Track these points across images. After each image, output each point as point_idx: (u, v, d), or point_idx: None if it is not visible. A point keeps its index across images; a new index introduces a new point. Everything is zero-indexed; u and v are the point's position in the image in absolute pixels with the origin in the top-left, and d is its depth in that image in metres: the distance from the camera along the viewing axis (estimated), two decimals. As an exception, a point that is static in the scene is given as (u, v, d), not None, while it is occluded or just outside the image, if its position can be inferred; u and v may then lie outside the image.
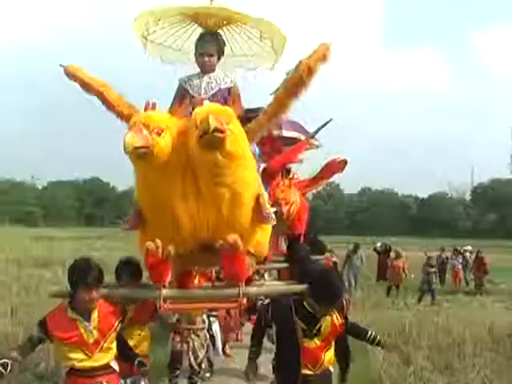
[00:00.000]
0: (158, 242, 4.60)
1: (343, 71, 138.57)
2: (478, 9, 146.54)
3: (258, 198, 4.84)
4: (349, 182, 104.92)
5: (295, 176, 11.19)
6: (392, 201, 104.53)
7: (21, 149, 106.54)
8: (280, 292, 5.43)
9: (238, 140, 4.58)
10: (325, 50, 4.77)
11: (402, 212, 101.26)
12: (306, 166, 9.32)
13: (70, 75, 5.19)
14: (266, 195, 5.25)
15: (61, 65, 5.25)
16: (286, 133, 8.70)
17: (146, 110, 4.79)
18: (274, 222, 5.04)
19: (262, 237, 5.10)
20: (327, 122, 8.84)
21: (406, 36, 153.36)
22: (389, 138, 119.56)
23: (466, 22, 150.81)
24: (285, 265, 7.70)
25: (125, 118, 4.97)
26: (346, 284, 18.89)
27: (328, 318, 5.20)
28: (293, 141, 8.69)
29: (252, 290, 5.23)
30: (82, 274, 4.74)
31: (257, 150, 7.36)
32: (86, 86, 5.15)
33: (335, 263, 12.14)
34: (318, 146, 10.39)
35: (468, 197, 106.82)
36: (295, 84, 4.78)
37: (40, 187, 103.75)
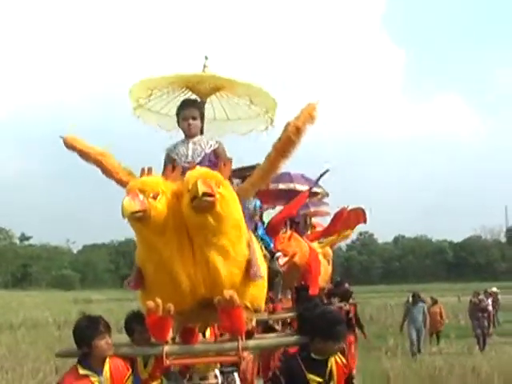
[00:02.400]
0: (158, 300, 4.80)
1: (369, 121, 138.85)
2: (501, 53, 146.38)
3: (248, 256, 5.06)
4: (382, 231, 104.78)
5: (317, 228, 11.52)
6: (427, 247, 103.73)
7: (55, 213, 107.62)
8: (281, 344, 5.64)
9: (228, 202, 4.83)
10: (311, 110, 5.01)
11: (438, 258, 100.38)
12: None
13: (69, 146, 5.44)
14: (258, 251, 5.49)
15: (60, 136, 5.48)
16: (282, 186, 9.03)
17: (142, 175, 5.06)
18: (262, 280, 5.30)
19: (257, 291, 5.28)
20: (325, 172, 9.12)
21: (428, 84, 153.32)
22: (419, 184, 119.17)
23: (489, 67, 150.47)
24: (291, 314, 7.85)
25: (124, 184, 5.19)
26: (408, 341, 18.32)
27: (332, 359, 5.34)
28: (290, 193, 9.02)
29: (251, 343, 5.39)
30: (93, 325, 4.93)
31: (257, 203, 7.70)
32: (85, 156, 5.41)
33: (347, 312, 12.21)
34: (327, 194, 10.70)
35: (503, 238, 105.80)
36: (284, 144, 5.03)
37: (75, 251, 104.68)
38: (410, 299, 18.88)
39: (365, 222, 10.39)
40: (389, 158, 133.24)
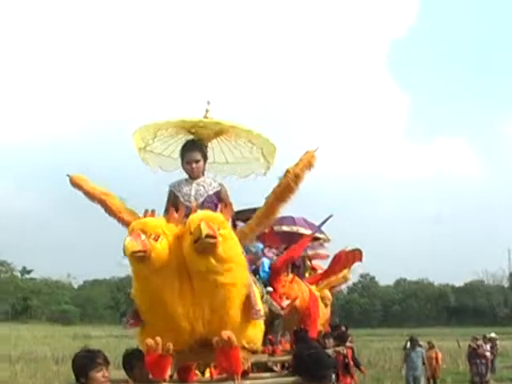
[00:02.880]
0: (158, 339, 4.97)
1: (371, 162, 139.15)
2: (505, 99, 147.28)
3: (248, 297, 5.25)
4: (384, 274, 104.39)
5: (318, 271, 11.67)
6: (428, 291, 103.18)
7: (57, 247, 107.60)
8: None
9: (229, 244, 5.04)
10: (310, 158, 5.31)
11: (439, 302, 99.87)
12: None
13: (75, 184, 5.70)
14: (257, 293, 5.67)
15: (67, 174, 5.74)
16: (285, 228, 9.21)
17: (145, 216, 5.27)
18: (263, 319, 5.48)
19: (255, 331, 5.47)
20: (328, 218, 9.30)
21: (430, 126, 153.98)
22: (419, 227, 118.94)
23: (492, 114, 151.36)
24: (290, 356, 7.97)
25: (126, 223, 5.44)
26: None
27: None
28: (293, 235, 9.19)
29: (247, 382, 5.51)
30: (91, 358, 5.00)
31: (260, 246, 7.87)
32: (89, 195, 5.67)
33: (344, 356, 12.27)
34: (328, 240, 10.88)
35: (506, 283, 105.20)
36: (283, 190, 5.31)
37: (76, 286, 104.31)
38: (408, 344, 18.88)
39: (360, 260, 10.54)
40: (391, 199, 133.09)
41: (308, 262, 11.38)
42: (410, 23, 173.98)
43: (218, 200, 5.97)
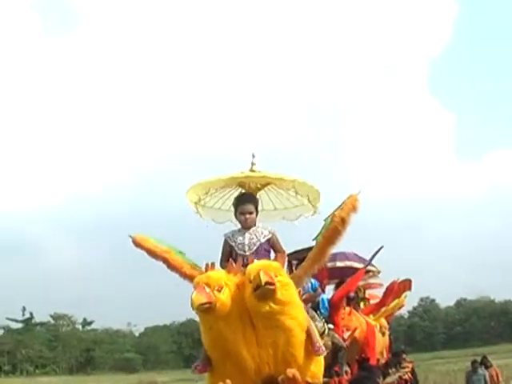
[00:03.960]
0: (228, 381, 5.41)
1: (422, 184, 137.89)
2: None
3: (309, 335, 5.64)
4: (444, 296, 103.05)
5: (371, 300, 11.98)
6: (490, 308, 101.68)
7: (116, 298, 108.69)
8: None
9: (287, 288, 5.47)
10: (354, 202, 5.70)
11: (502, 318, 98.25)
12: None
13: (137, 244, 6.18)
14: (316, 330, 6.04)
15: (129, 235, 6.21)
16: (339, 263, 9.55)
17: (207, 270, 5.75)
18: (325, 353, 5.84)
19: (317, 366, 5.83)
20: (379, 250, 9.65)
21: (481, 143, 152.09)
22: (478, 245, 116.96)
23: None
24: None
25: (188, 277, 5.93)
26: None
27: None
28: (347, 270, 9.52)
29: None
30: None
31: (314, 283, 8.25)
32: (152, 254, 6.14)
33: (405, 380, 12.45)
34: (379, 272, 11.20)
35: None
36: (332, 234, 5.73)
37: (137, 333, 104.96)
38: (470, 366, 18.63)
39: (410, 289, 10.84)
40: (444, 220, 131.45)
41: (362, 293, 11.67)
42: (446, 40, 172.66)
43: (270, 247, 6.39)
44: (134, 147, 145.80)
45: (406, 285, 10.84)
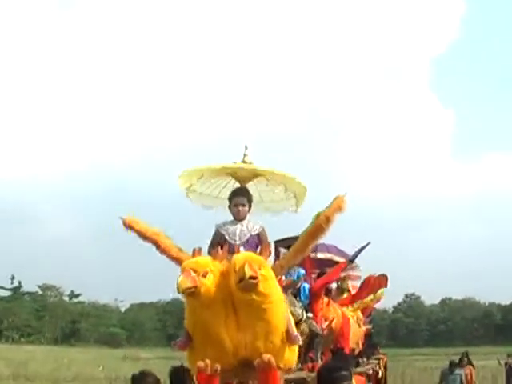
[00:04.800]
0: (208, 360, 5.83)
1: (418, 182, 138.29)
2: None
3: (287, 324, 6.08)
4: (429, 293, 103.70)
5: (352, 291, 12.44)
6: (474, 310, 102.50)
7: (104, 272, 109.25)
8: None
9: (268, 281, 5.89)
10: (340, 202, 6.05)
11: (486, 320, 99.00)
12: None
13: (128, 226, 6.53)
14: (292, 320, 6.50)
15: (120, 217, 6.56)
16: (320, 255, 10.03)
17: (194, 255, 6.18)
18: (300, 342, 6.33)
19: (291, 354, 6.26)
20: (365, 246, 10.08)
21: (479, 144, 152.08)
22: (468, 245, 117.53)
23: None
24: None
25: (176, 260, 6.34)
26: None
27: None
28: (327, 262, 10.00)
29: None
30: (141, 380, 5.91)
31: (301, 271, 8.74)
32: (142, 235, 6.50)
33: (376, 371, 12.90)
34: (358, 266, 11.67)
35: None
36: (315, 230, 6.14)
37: (123, 309, 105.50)
38: (447, 366, 18.77)
39: (386, 286, 11.28)
40: (436, 219, 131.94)
41: (346, 284, 12.11)
42: (451, 38, 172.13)
43: (259, 240, 6.89)
44: (130, 129, 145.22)
45: (382, 281, 11.26)
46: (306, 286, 9.01)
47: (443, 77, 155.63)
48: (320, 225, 6.07)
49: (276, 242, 8.33)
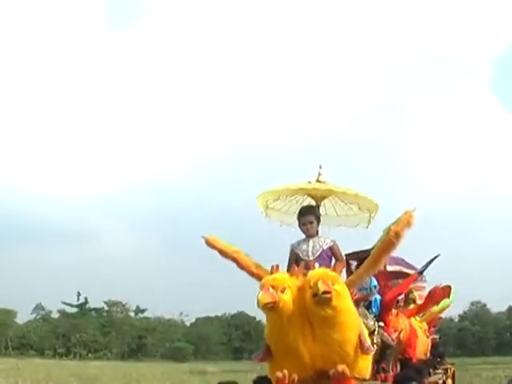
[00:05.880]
0: (285, 371, 6.21)
1: (482, 186, 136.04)
2: None
3: (359, 336, 6.38)
4: (496, 301, 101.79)
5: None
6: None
7: (169, 287, 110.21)
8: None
9: (342, 296, 6.23)
10: (409, 218, 6.33)
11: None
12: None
13: (210, 245, 7.02)
14: (365, 331, 6.78)
15: (202, 236, 7.05)
16: (389, 267, 10.17)
17: (272, 272, 6.56)
18: (373, 352, 6.56)
19: (364, 364, 6.56)
20: (435, 258, 10.24)
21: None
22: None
23: None
24: None
25: (254, 275, 6.79)
26: None
27: None
28: (397, 274, 10.14)
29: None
30: None
31: (374, 282, 8.95)
32: (223, 253, 7.00)
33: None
34: (423, 280, 11.78)
35: None
36: (386, 246, 6.46)
37: (188, 323, 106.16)
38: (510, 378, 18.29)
39: (449, 296, 11.36)
40: (500, 225, 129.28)
41: (413, 295, 12.21)
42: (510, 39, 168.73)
43: (331, 253, 7.21)
44: (195, 139, 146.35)
45: (446, 292, 11.37)
46: (378, 297, 9.20)
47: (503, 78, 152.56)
48: (390, 240, 6.35)
49: (346, 255, 8.56)
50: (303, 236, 7.40)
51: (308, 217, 7.38)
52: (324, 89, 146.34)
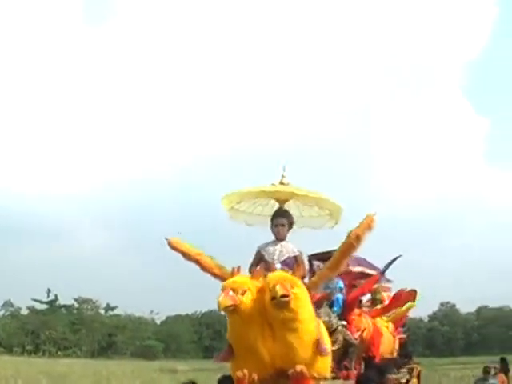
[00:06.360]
0: (246, 371, 6.37)
1: (453, 189, 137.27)
2: None
3: (317, 338, 6.51)
4: (465, 302, 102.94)
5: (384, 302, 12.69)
6: (510, 317, 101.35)
7: (139, 285, 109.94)
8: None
9: (300, 299, 6.37)
10: (370, 221, 6.52)
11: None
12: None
13: (172, 247, 7.14)
14: (324, 333, 6.89)
15: (165, 238, 7.16)
16: (352, 268, 10.33)
17: (233, 274, 6.68)
18: (329, 354, 6.73)
19: (323, 363, 6.68)
20: (396, 258, 10.42)
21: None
22: (504, 254, 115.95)
23: None
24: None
25: (217, 277, 6.94)
26: None
27: None
28: (360, 275, 10.31)
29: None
30: None
31: (340, 284, 9.10)
32: (186, 256, 7.12)
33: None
34: (389, 281, 11.95)
35: None
36: (347, 248, 6.64)
37: (159, 322, 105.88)
38: (480, 375, 18.11)
39: (413, 300, 11.56)
40: (470, 228, 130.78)
41: (380, 295, 12.36)
42: (483, 44, 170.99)
43: (295, 261, 7.31)
44: (169, 141, 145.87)
45: (411, 295, 11.54)
46: (340, 296, 9.34)
47: (476, 82, 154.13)
48: (351, 243, 6.55)
49: (310, 255, 8.77)
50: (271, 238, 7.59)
51: (281, 219, 7.58)
52: (312, 91, 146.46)
